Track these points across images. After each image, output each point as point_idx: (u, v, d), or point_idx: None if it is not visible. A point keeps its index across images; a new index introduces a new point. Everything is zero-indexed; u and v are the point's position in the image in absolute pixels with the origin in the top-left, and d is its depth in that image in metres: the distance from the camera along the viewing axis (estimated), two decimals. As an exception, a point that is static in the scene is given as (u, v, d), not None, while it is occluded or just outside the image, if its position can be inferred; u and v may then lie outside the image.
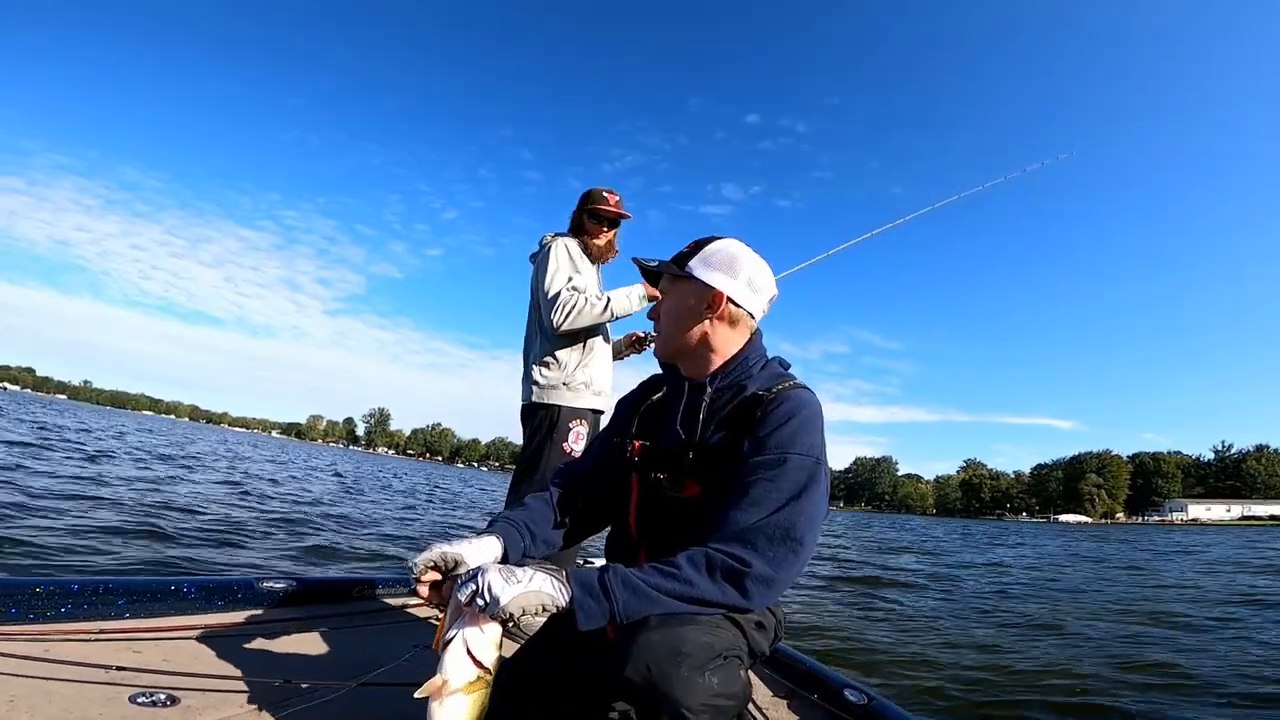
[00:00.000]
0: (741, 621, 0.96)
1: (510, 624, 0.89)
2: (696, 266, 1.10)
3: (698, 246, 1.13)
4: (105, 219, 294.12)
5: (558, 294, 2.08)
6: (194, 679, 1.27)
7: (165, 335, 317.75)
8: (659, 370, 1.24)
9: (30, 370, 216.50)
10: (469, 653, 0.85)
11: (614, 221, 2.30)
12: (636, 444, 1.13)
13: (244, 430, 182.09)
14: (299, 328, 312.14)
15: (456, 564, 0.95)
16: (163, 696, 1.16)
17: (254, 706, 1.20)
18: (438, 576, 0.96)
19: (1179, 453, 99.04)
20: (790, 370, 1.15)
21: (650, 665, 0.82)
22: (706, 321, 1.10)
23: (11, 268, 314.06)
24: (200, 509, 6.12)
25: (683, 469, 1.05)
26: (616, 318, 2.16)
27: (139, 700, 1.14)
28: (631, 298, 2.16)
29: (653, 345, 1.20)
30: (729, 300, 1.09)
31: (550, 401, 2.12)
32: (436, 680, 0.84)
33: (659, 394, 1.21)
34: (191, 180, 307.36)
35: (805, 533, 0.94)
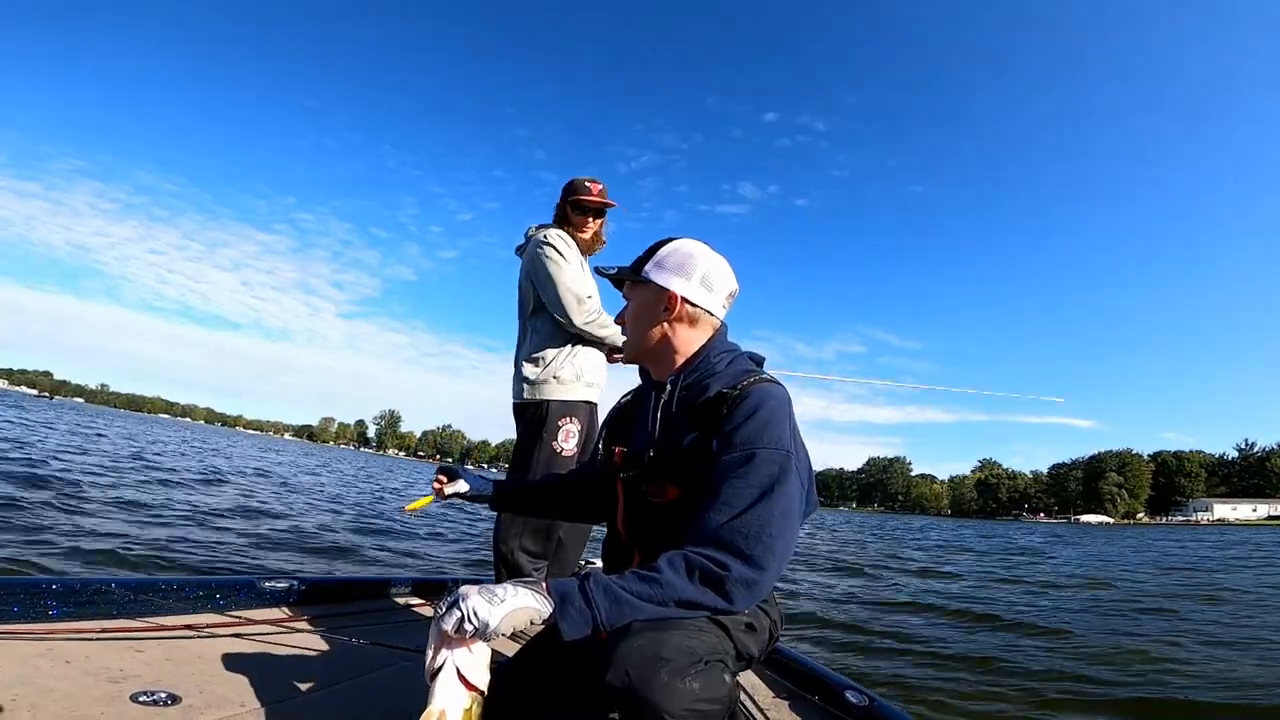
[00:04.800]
0: (727, 624, 0.94)
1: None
2: (651, 270, 1.12)
3: (653, 250, 1.14)
4: (123, 223, 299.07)
5: (585, 299, 2.08)
6: (195, 678, 1.27)
7: (181, 339, 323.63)
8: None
9: (48, 374, 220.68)
10: (461, 678, 0.84)
11: (599, 211, 2.24)
12: (618, 451, 1.14)
13: (258, 433, 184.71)
14: (313, 330, 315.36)
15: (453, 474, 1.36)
16: (164, 696, 1.17)
17: (255, 706, 1.20)
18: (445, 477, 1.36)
19: (1201, 451, 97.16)
20: (763, 365, 1.14)
21: (630, 671, 0.81)
22: (665, 323, 1.11)
23: (31, 273, 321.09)
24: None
25: (650, 471, 1.05)
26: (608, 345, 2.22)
27: (140, 699, 1.14)
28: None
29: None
30: (684, 300, 1.10)
31: (540, 398, 2.09)
32: (433, 710, 0.82)
33: (634, 399, 1.24)
34: (208, 184, 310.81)
35: (781, 528, 0.93)
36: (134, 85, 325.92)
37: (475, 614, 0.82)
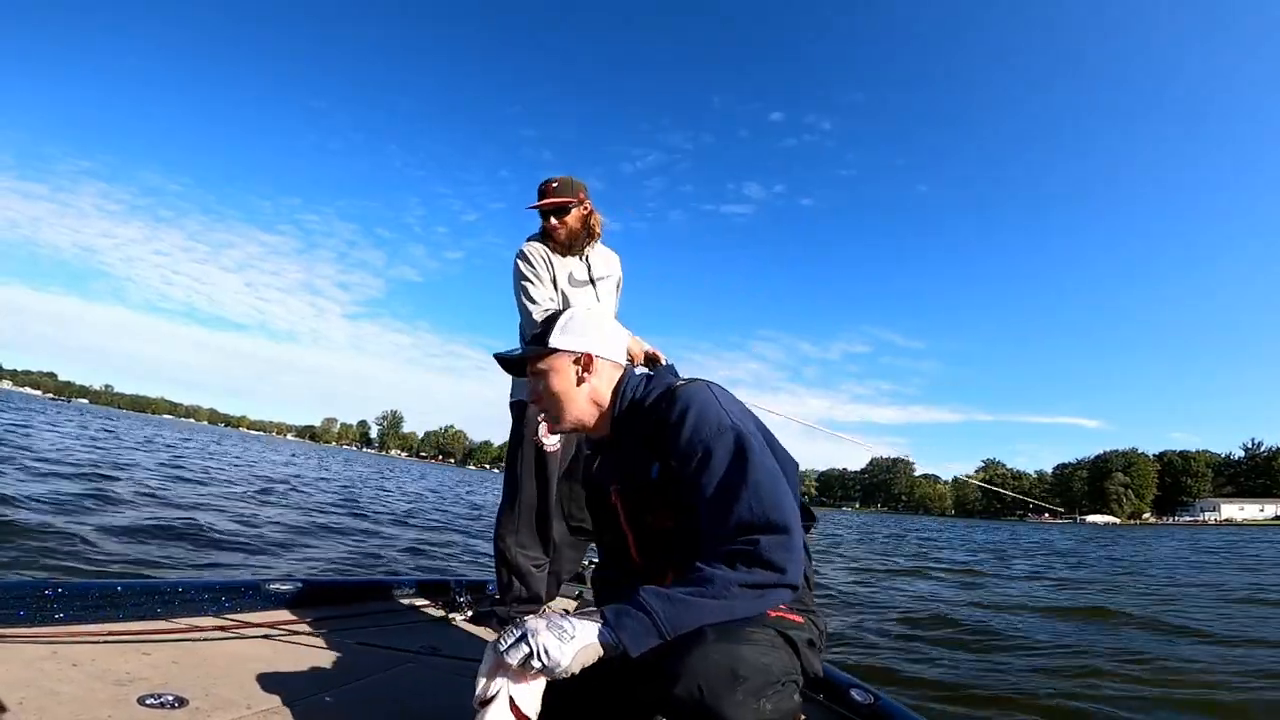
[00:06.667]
0: (796, 640, 0.94)
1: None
2: (558, 339, 1.15)
3: (549, 321, 1.19)
4: (129, 224, 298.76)
5: (530, 311, 2.13)
6: (202, 681, 1.27)
7: (185, 340, 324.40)
8: None
9: (52, 375, 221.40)
10: (515, 708, 0.82)
11: (560, 211, 2.15)
12: (614, 490, 1.15)
13: (261, 433, 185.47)
14: (317, 331, 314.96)
15: None
16: (171, 698, 1.17)
17: (261, 708, 1.20)
18: None
19: (1207, 451, 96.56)
20: (678, 373, 1.18)
21: (703, 686, 0.79)
22: (584, 383, 1.14)
23: (38, 275, 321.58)
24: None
25: (645, 506, 1.07)
26: None
27: (148, 702, 1.14)
28: None
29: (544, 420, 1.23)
30: (598, 356, 1.15)
31: (522, 397, 2.13)
32: None
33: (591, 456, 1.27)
34: (213, 185, 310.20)
35: (773, 488, 0.95)
36: (135, 85, 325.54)
37: (546, 652, 0.80)
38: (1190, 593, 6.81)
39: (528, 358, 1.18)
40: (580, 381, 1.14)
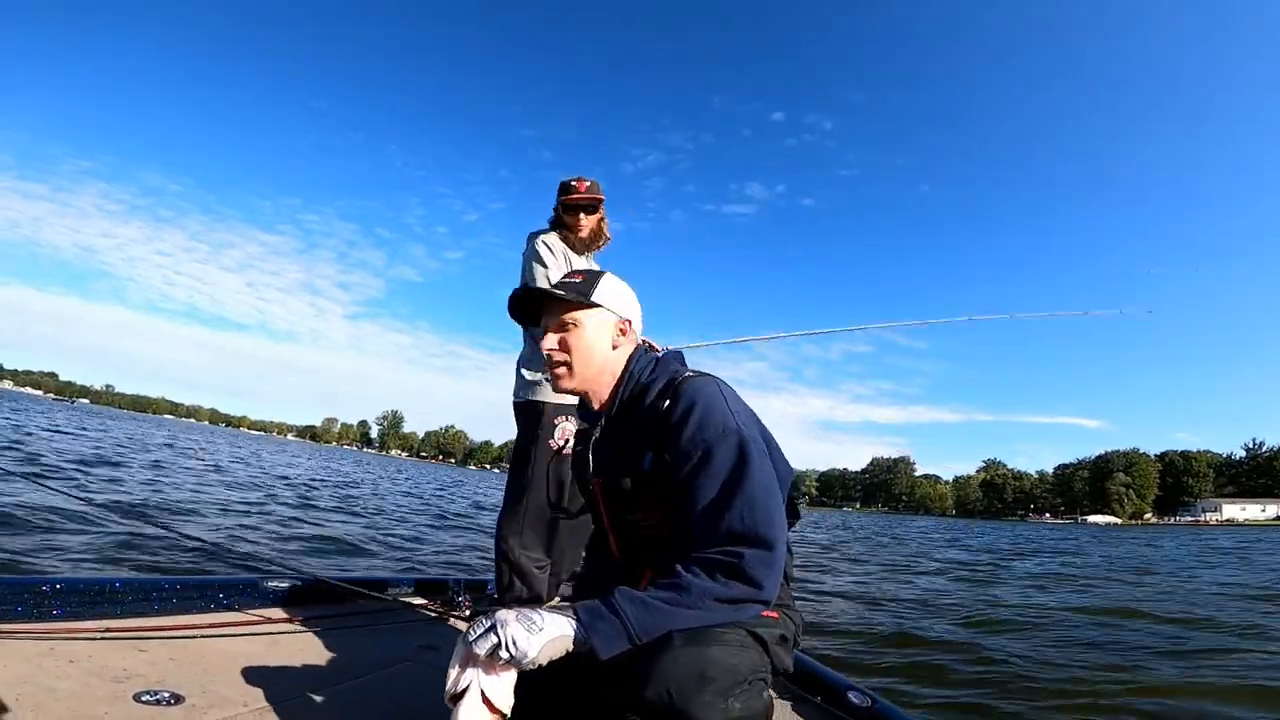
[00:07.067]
0: (765, 638, 0.94)
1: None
2: (603, 296, 1.10)
3: (593, 277, 1.13)
4: (129, 224, 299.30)
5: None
6: (199, 678, 1.28)
7: (186, 340, 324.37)
8: None
9: (53, 375, 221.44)
10: (487, 701, 0.83)
11: (589, 207, 2.21)
12: (595, 484, 1.13)
13: (261, 433, 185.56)
14: (318, 331, 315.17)
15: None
16: (167, 695, 1.17)
17: (258, 705, 1.20)
18: None
19: (1209, 451, 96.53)
20: (684, 361, 1.16)
21: (671, 689, 0.80)
22: (616, 349, 1.11)
23: (39, 274, 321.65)
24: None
25: (632, 501, 1.06)
26: None
27: (144, 699, 1.15)
28: None
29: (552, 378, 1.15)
30: (630, 323, 1.13)
31: (535, 398, 2.12)
32: None
33: (584, 434, 1.22)
34: (213, 185, 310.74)
35: (767, 501, 0.94)
36: (135, 85, 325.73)
37: (514, 643, 0.80)
38: (1195, 590, 6.81)
39: (563, 300, 1.08)
40: (612, 347, 1.10)
